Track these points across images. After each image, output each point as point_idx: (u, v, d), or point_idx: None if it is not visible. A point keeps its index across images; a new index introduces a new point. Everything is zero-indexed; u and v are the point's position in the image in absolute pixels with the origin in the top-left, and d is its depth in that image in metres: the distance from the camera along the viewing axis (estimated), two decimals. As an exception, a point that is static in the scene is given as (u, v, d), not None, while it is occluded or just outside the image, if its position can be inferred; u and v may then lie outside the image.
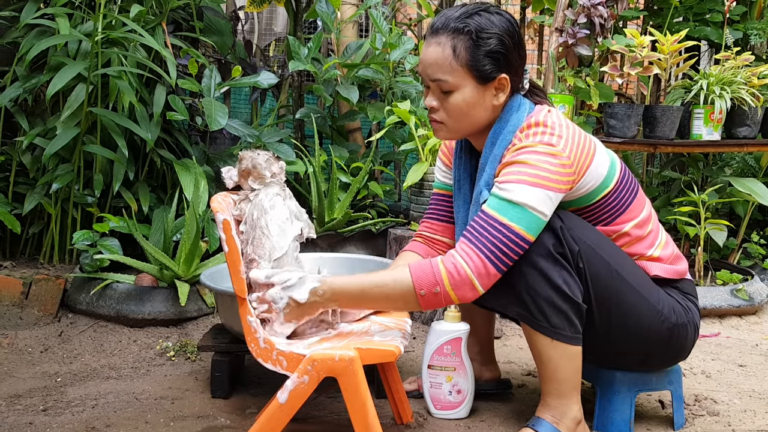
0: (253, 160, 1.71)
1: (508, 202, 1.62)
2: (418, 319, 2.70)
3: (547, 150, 1.64)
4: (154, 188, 3.11)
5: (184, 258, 2.64)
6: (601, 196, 1.74)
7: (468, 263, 1.60)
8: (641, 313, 1.73)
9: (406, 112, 2.92)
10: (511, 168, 1.65)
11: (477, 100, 1.72)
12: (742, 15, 3.52)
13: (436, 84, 1.72)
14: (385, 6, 3.73)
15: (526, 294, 1.66)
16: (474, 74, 1.69)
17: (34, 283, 2.65)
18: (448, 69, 1.69)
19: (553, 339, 1.67)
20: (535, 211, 1.62)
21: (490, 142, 1.75)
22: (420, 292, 1.60)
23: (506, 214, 1.61)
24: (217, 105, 2.94)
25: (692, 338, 1.82)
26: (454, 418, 1.93)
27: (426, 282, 1.60)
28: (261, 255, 1.65)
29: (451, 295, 1.61)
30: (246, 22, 4.42)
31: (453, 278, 1.60)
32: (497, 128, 1.74)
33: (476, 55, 1.68)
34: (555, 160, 1.64)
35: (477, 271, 1.60)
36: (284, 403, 1.55)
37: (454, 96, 1.71)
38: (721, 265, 3.25)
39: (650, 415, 2.00)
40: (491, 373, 2.09)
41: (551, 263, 1.65)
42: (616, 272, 1.71)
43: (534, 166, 1.63)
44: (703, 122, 3.00)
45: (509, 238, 1.60)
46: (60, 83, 2.62)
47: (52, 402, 2.01)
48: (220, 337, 2.11)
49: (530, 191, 1.61)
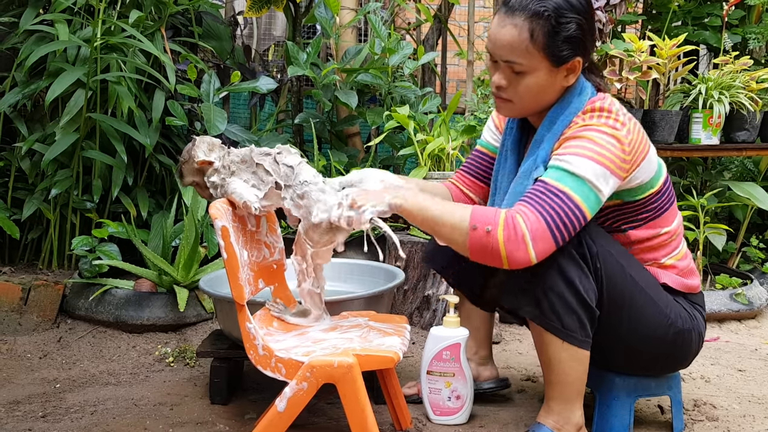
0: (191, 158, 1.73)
1: (568, 173, 1.59)
2: (417, 324, 2.70)
3: (612, 132, 1.63)
4: (153, 193, 3.11)
5: (183, 263, 2.64)
6: (646, 195, 1.73)
7: (526, 222, 1.54)
8: (650, 317, 1.72)
9: (405, 117, 2.92)
10: (573, 142, 1.63)
11: (549, 83, 1.69)
12: (740, 19, 3.53)
13: (508, 65, 1.68)
14: (384, 11, 3.74)
15: (542, 292, 1.63)
16: (550, 59, 1.66)
17: (33, 289, 2.65)
18: (523, 53, 1.65)
19: (564, 341, 1.65)
20: (594, 187, 1.59)
21: (549, 122, 1.73)
22: (473, 225, 1.55)
23: (567, 184, 1.58)
24: (216, 110, 2.94)
25: (696, 346, 1.82)
26: (453, 423, 1.93)
27: (482, 218, 1.55)
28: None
29: (501, 245, 1.53)
30: (245, 27, 4.43)
31: (508, 230, 1.53)
32: (558, 109, 1.72)
33: (554, 41, 1.64)
34: (618, 144, 1.62)
35: (533, 233, 1.53)
36: (283, 411, 1.55)
37: (526, 78, 1.68)
38: (721, 270, 3.25)
39: (649, 420, 2.00)
40: (489, 372, 2.09)
41: (570, 262, 1.62)
42: (630, 275, 1.70)
43: (597, 144, 1.61)
44: (701, 126, 3.00)
45: (569, 207, 1.57)
46: (59, 89, 2.63)
47: (51, 408, 2.01)
48: (219, 343, 2.11)
49: (592, 166, 1.59)
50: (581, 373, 1.69)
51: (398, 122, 2.97)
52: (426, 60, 3.39)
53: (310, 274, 1.77)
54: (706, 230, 3.02)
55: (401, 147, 3.28)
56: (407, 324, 1.84)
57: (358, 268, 2.33)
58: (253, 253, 1.76)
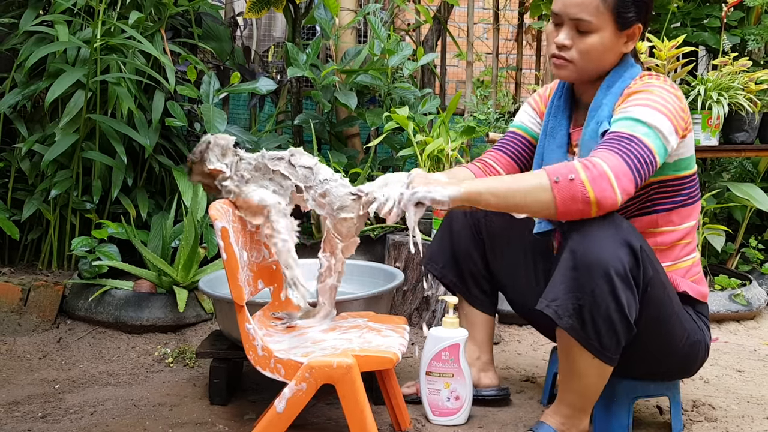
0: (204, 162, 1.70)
1: (638, 121, 1.62)
2: (416, 325, 2.70)
3: (672, 90, 1.68)
4: (153, 194, 3.11)
5: (183, 264, 2.64)
6: (687, 173, 1.76)
7: (606, 161, 1.55)
8: (675, 333, 1.73)
9: (405, 118, 2.92)
10: (638, 95, 1.67)
11: (612, 46, 1.73)
12: (739, 20, 3.53)
13: (574, 23, 1.71)
14: (384, 12, 3.74)
15: (588, 311, 1.57)
16: (617, 20, 1.70)
17: (33, 290, 2.65)
18: (593, 11, 1.69)
19: (596, 357, 1.62)
20: (662, 136, 1.62)
21: (606, 86, 1.75)
22: (554, 179, 1.54)
23: (637, 131, 1.60)
24: (215, 111, 2.94)
25: (702, 357, 1.82)
26: (453, 424, 1.93)
27: (559, 170, 1.55)
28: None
29: (588, 186, 1.52)
30: (245, 28, 4.43)
31: (589, 171, 1.54)
32: (615, 75, 1.75)
33: (624, 2, 1.69)
34: (678, 101, 1.67)
35: (614, 170, 1.54)
36: (282, 412, 1.56)
37: (592, 37, 1.71)
38: (719, 270, 3.25)
39: (648, 421, 2.00)
40: (490, 379, 2.08)
41: (624, 284, 1.56)
42: (668, 296, 1.69)
43: (662, 97, 1.65)
44: (700, 128, 3.00)
45: (643, 150, 1.59)
46: (59, 90, 2.63)
47: (50, 409, 2.01)
48: (218, 344, 2.11)
49: (659, 116, 1.63)
50: (601, 386, 1.69)
51: (397, 123, 2.98)
52: (425, 61, 3.39)
53: (337, 269, 1.79)
54: (705, 231, 3.02)
55: (401, 148, 3.28)
56: (406, 325, 1.84)
57: (358, 268, 2.33)
58: (253, 254, 1.76)
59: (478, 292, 2.04)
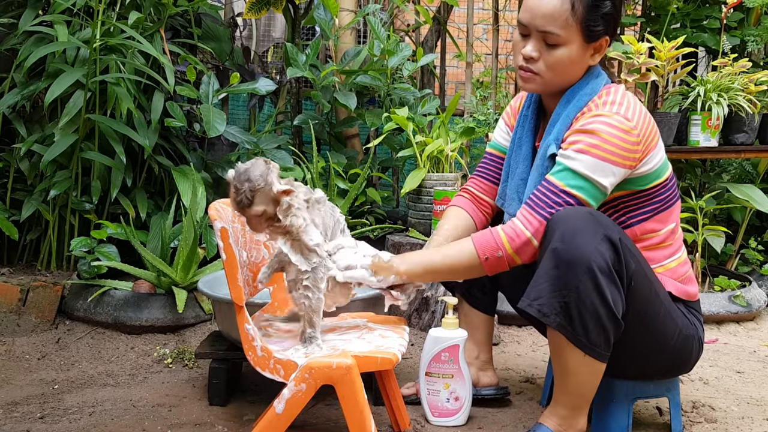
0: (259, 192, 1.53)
1: (572, 172, 1.66)
2: (416, 326, 2.70)
3: (621, 125, 1.66)
4: (152, 195, 3.11)
5: (182, 265, 2.64)
6: (653, 184, 1.75)
7: (527, 227, 1.66)
8: (665, 329, 1.73)
9: (404, 119, 2.92)
10: (581, 136, 1.67)
11: (579, 59, 1.73)
12: (739, 21, 3.53)
13: (542, 35, 1.71)
14: (383, 12, 3.74)
15: (575, 307, 1.59)
16: (585, 33, 1.70)
17: (32, 290, 2.65)
18: (562, 24, 1.69)
19: (586, 354, 1.64)
20: (598, 184, 1.65)
21: (565, 100, 1.76)
22: (484, 258, 1.68)
23: (569, 183, 1.66)
24: (215, 111, 2.94)
25: (696, 352, 1.82)
26: (452, 425, 1.92)
27: (489, 248, 1.68)
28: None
29: (514, 257, 1.68)
30: (244, 28, 4.43)
31: (514, 242, 1.67)
32: (575, 88, 1.76)
33: (593, 15, 1.69)
34: (626, 136, 1.66)
35: (537, 234, 1.65)
36: (281, 413, 1.55)
37: (559, 50, 1.71)
38: (719, 272, 3.25)
39: (648, 422, 2.00)
40: (489, 379, 2.09)
41: (609, 281, 1.59)
42: (655, 291, 1.70)
43: (605, 140, 1.65)
44: (700, 129, 3.00)
45: (572, 201, 1.65)
46: (58, 90, 2.63)
47: (49, 409, 2.01)
48: (217, 345, 2.11)
49: (596, 164, 1.65)
50: (595, 384, 1.69)
51: (397, 124, 2.98)
52: (425, 62, 3.39)
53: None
54: (705, 232, 3.02)
55: (400, 148, 3.28)
56: (406, 325, 1.84)
57: (357, 269, 2.32)
58: (252, 254, 1.76)
59: (478, 292, 2.04)
